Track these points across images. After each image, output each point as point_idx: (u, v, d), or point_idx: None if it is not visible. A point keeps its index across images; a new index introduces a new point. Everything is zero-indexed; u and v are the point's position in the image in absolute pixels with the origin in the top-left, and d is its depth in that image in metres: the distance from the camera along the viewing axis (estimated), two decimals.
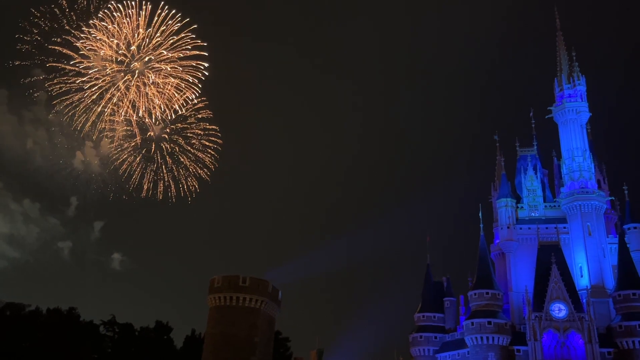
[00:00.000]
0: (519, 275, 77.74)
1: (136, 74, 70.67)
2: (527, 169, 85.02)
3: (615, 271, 73.01)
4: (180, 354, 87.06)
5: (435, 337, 77.13)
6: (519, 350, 67.47)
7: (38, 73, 70.41)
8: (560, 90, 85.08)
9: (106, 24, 68.75)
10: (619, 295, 68.87)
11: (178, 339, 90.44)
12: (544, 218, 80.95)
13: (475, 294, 71.88)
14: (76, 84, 69.39)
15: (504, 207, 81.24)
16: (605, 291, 72.64)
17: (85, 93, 69.60)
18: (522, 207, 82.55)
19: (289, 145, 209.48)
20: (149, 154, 75.33)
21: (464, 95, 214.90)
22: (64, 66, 68.71)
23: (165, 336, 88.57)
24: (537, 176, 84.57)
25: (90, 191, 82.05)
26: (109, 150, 74.83)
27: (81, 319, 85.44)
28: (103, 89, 70.19)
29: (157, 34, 70.18)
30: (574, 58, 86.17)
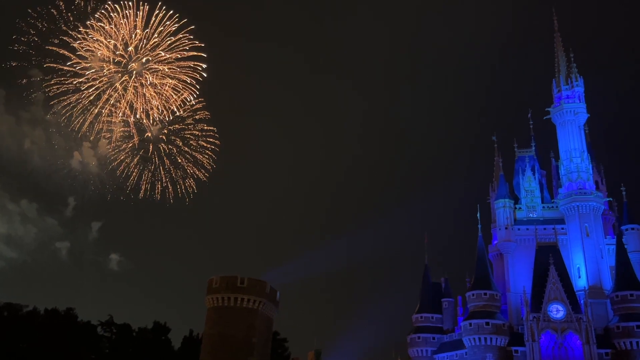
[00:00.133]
0: (517, 276, 77.77)
1: (133, 75, 70.61)
2: (525, 170, 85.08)
3: (613, 272, 73.15)
4: (178, 354, 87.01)
5: (433, 338, 77.12)
6: (516, 351, 67.51)
7: (35, 74, 70.35)
8: (559, 91, 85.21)
9: (103, 25, 68.73)
10: (617, 296, 68.97)
11: (176, 339, 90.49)
12: (542, 219, 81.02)
13: (473, 295, 71.94)
14: (73, 84, 69.33)
15: (502, 208, 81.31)
16: (603, 292, 72.75)
17: (82, 94, 69.55)
18: (520, 208, 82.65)
19: (288, 145, 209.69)
20: (146, 155, 75.28)
21: (462, 96, 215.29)
22: (61, 67, 68.66)
23: (163, 337, 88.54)
24: (535, 177, 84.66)
25: (88, 192, 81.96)
26: (107, 151, 74.78)
27: (79, 319, 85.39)
28: (100, 89, 70.13)
29: (155, 34, 70.15)
30: (572, 59, 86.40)
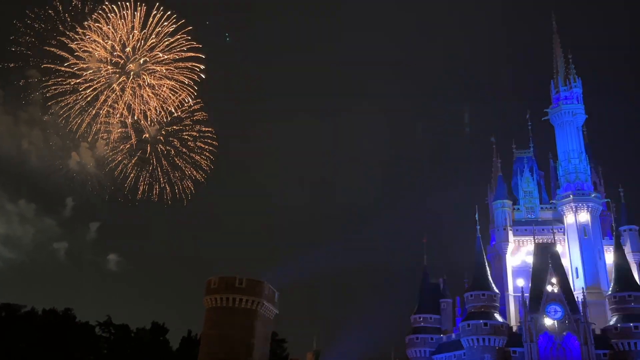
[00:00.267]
0: (515, 277, 77.90)
1: (131, 76, 70.62)
2: (524, 171, 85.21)
3: (611, 273, 73.25)
4: (176, 355, 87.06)
5: (432, 339, 77.08)
6: (514, 352, 67.42)
7: (33, 74, 70.37)
8: (557, 92, 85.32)
9: (101, 25, 68.74)
10: (615, 296, 69.03)
11: (174, 340, 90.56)
12: (540, 220, 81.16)
13: (471, 296, 71.95)
14: (71, 85, 69.37)
15: (500, 209, 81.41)
16: (601, 293, 72.85)
17: (80, 95, 69.57)
18: (519, 209, 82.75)
19: (287, 146, 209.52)
20: (144, 156, 75.31)
21: (461, 96, 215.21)
22: (59, 68, 68.67)
23: (161, 337, 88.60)
24: (534, 178, 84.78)
25: (86, 192, 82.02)
26: (105, 151, 74.81)
27: (77, 319, 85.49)
28: (98, 90, 70.16)
29: (152, 35, 70.19)
30: (571, 60, 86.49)
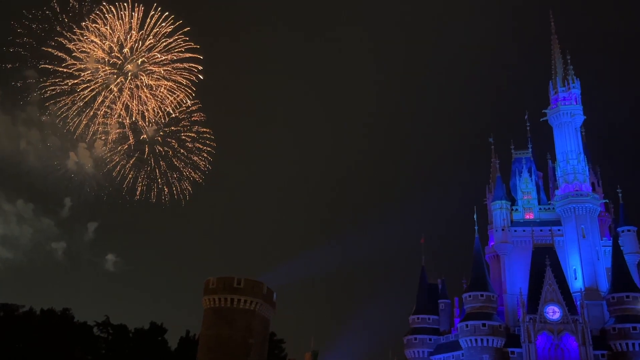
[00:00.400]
0: (514, 278, 77.97)
1: (129, 77, 70.59)
2: (522, 172, 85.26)
3: (609, 274, 73.35)
4: (174, 355, 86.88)
5: (430, 339, 77.21)
6: (513, 353, 67.63)
7: (31, 74, 70.33)
8: (555, 93, 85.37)
9: (98, 26, 68.69)
10: (613, 297, 69.12)
11: (172, 340, 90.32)
12: (538, 220, 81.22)
13: (469, 296, 72.02)
14: (69, 86, 69.32)
15: (498, 210, 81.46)
16: (599, 294, 72.90)
17: (78, 95, 69.53)
18: (517, 210, 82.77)
19: (285, 147, 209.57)
20: (142, 156, 75.27)
21: (459, 97, 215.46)
22: (57, 68, 68.62)
23: (159, 337, 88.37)
24: (532, 179, 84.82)
25: (84, 192, 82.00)
26: (103, 152, 74.79)
27: (75, 319, 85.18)
28: (96, 91, 70.12)
29: (150, 36, 70.16)
30: (569, 61, 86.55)
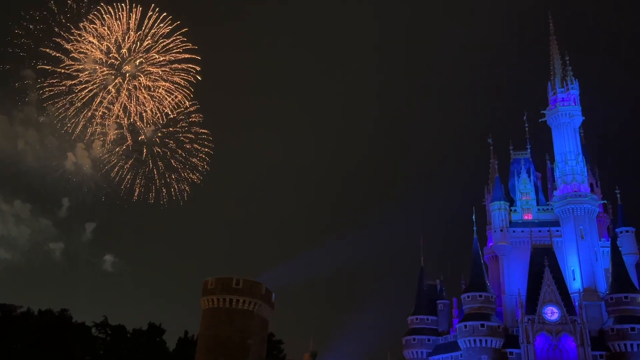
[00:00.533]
0: (512, 278, 77.93)
1: (127, 77, 70.60)
2: (521, 172, 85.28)
3: (608, 274, 73.38)
4: (173, 356, 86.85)
5: (429, 340, 77.21)
6: (511, 353, 67.63)
7: (29, 74, 70.33)
8: (554, 94, 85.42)
9: (96, 27, 68.71)
10: (611, 298, 69.15)
11: (171, 341, 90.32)
12: (537, 221, 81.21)
13: (468, 297, 72.02)
14: (66, 86, 69.34)
15: (497, 210, 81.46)
16: (598, 294, 72.92)
17: (76, 96, 69.55)
18: (516, 210, 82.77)
19: (283, 148, 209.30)
20: (140, 156, 75.33)
21: (458, 98, 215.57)
22: (55, 69, 68.64)
23: (157, 338, 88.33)
24: (531, 179, 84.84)
25: (82, 193, 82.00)
26: (101, 152, 74.83)
27: (73, 320, 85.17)
28: (94, 92, 70.14)
29: (148, 36, 70.22)
30: (568, 62, 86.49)
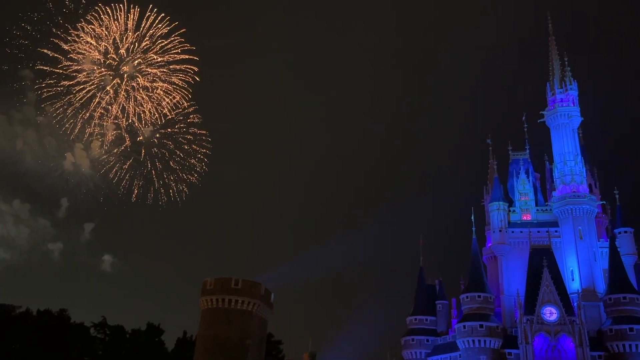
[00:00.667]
0: (511, 279, 78.00)
1: (125, 78, 70.62)
2: (520, 173, 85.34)
3: (606, 275, 73.44)
4: (171, 356, 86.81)
5: (427, 340, 77.21)
6: (510, 354, 67.68)
7: (27, 74, 70.34)
8: (553, 94, 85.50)
9: (94, 27, 68.71)
10: (610, 298, 69.23)
11: (169, 341, 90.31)
12: (535, 222, 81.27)
13: (467, 297, 72.06)
14: (64, 87, 69.33)
15: (496, 211, 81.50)
16: (596, 295, 73.00)
17: (74, 96, 69.56)
18: (514, 211, 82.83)
19: (282, 148, 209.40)
20: (138, 157, 75.35)
21: (457, 99, 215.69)
22: (53, 69, 68.64)
23: (156, 338, 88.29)
24: (529, 180, 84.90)
25: (81, 193, 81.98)
26: (99, 153, 74.84)
27: (72, 320, 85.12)
28: (92, 92, 70.14)
29: (146, 37, 70.25)
30: (567, 63, 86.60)
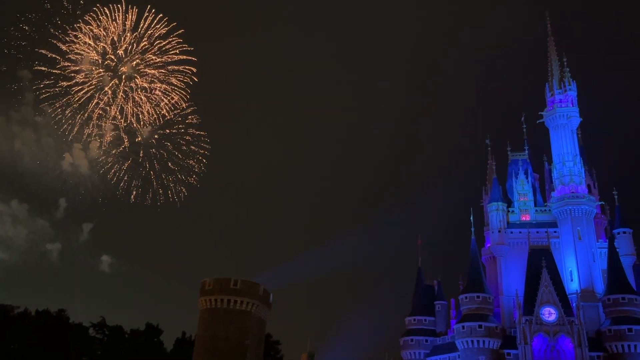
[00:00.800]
0: (510, 279, 77.95)
1: (123, 79, 70.65)
2: (519, 173, 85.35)
3: (605, 275, 73.48)
4: (170, 356, 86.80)
5: (426, 341, 77.15)
6: (509, 354, 67.67)
7: (25, 74, 70.37)
8: (552, 95, 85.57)
9: (92, 27, 68.72)
10: (609, 299, 69.27)
11: (168, 341, 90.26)
12: (534, 222, 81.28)
13: (466, 298, 72.06)
14: (62, 88, 69.35)
15: (495, 211, 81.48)
16: (595, 295, 73.04)
17: (72, 97, 69.59)
18: (513, 211, 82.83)
19: (280, 149, 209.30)
20: (137, 158, 75.37)
21: (456, 99, 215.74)
22: (51, 70, 68.66)
23: (155, 339, 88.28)
24: (528, 180, 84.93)
25: (79, 193, 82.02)
26: (98, 154, 74.88)
27: (71, 321, 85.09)
28: (90, 93, 70.15)
29: (144, 38, 70.26)
30: (566, 63, 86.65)
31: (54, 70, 69.05)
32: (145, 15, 69.62)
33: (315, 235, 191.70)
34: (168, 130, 75.62)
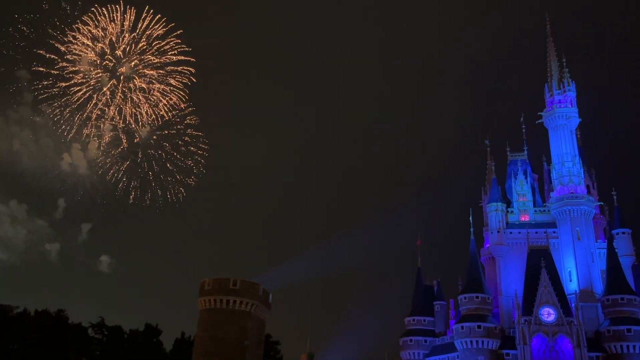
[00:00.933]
0: (509, 280, 77.99)
1: (122, 79, 70.67)
2: (518, 174, 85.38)
3: (604, 276, 73.58)
4: (169, 356, 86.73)
5: (425, 341, 77.20)
6: (508, 354, 67.74)
7: (24, 75, 70.38)
8: (551, 95, 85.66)
9: (90, 28, 68.74)
10: (608, 299, 69.34)
11: (168, 341, 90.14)
12: (533, 222, 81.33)
13: (465, 298, 72.12)
14: (61, 88, 69.35)
15: (494, 212, 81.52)
16: (594, 296, 73.12)
17: (71, 97, 69.60)
18: (512, 212, 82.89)
19: (280, 149, 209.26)
20: (135, 158, 75.38)
21: (455, 99, 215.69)
22: (50, 70, 68.65)
23: (154, 339, 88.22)
24: (528, 181, 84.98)
25: (78, 193, 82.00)
26: (96, 154, 74.89)
27: (70, 321, 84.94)
28: (88, 94, 70.15)
29: (143, 38, 70.26)
30: (565, 64, 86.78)
31: (52, 71, 69.11)
32: (143, 15, 69.68)
33: (315, 235, 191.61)
34: (166, 131, 75.69)
